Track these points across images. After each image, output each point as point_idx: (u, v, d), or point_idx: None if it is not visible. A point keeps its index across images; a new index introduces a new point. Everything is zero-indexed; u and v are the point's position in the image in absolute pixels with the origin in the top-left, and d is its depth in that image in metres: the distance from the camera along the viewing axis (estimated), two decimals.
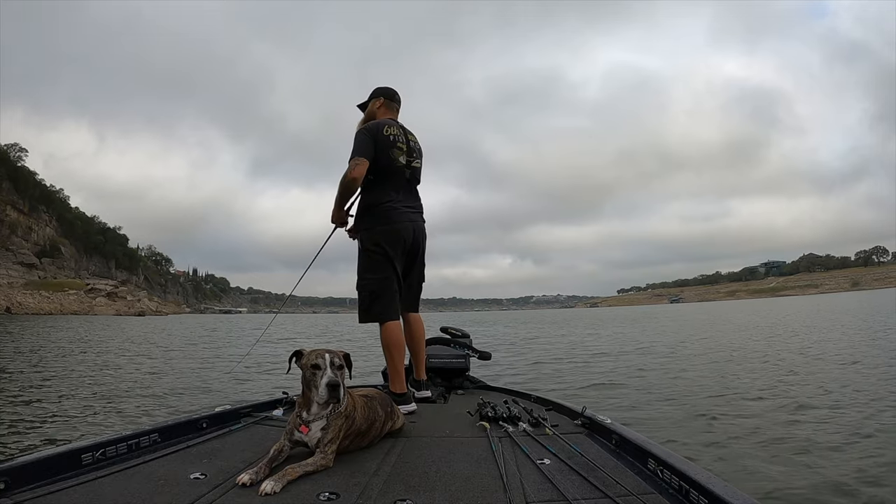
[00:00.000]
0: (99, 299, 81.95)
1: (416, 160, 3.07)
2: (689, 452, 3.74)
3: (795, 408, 5.35)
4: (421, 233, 3.08)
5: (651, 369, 8.99)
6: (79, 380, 8.38)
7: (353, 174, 2.83)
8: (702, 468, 1.48)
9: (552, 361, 10.91)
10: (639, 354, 11.87)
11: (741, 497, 1.25)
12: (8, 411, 5.71)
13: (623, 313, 68.09)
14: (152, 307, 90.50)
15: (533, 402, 2.89)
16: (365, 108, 3.21)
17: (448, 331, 3.93)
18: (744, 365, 9.13)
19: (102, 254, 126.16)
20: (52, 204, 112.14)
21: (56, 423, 5.17)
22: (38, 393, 6.96)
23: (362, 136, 2.91)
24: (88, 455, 1.70)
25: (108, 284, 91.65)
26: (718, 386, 6.97)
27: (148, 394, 7.06)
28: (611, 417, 2.19)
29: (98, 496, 1.45)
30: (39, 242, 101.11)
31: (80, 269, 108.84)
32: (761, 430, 4.52)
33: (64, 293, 78.76)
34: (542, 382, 7.62)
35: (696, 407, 5.60)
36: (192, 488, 1.51)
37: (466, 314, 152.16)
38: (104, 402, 6.31)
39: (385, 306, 2.90)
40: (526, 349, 14.24)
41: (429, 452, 1.94)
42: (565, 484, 1.54)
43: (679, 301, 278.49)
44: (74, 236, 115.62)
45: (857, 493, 3.09)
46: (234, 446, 2.01)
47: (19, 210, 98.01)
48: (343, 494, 1.48)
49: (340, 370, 1.80)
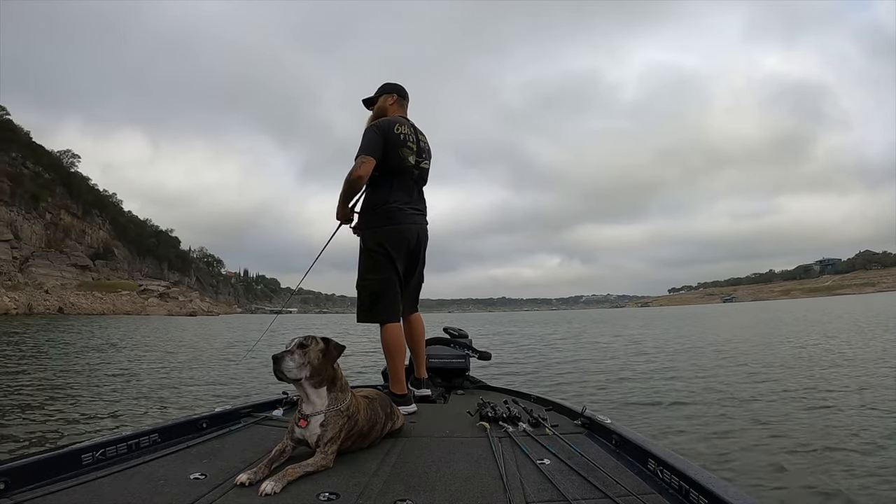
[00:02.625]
0: (151, 300, 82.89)
1: (425, 161, 3.02)
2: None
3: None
4: (424, 234, 3.04)
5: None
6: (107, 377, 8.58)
7: (359, 172, 2.79)
8: (702, 468, 1.48)
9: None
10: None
11: (741, 497, 1.25)
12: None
13: (677, 313, 66.54)
14: (203, 307, 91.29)
15: (533, 402, 2.87)
16: (372, 103, 3.12)
17: (448, 331, 3.90)
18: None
19: (155, 256, 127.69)
20: (105, 208, 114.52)
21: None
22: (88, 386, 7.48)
23: (372, 133, 2.85)
24: (88, 455, 1.70)
25: (160, 285, 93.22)
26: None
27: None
28: (611, 417, 2.17)
29: (98, 496, 1.46)
30: (93, 245, 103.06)
31: (133, 271, 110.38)
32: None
33: (117, 294, 79.69)
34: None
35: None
36: (192, 488, 1.52)
37: (514, 314, 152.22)
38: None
39: (386, 307, 2.87)
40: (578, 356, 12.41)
41: (429, 452, 1.94)
42: (565, 484, 1.54)
43: (732, 300, 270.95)
44: (127, 239, 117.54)
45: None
46: (234, 446, 2.00)
47: (73, 214, 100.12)
48: (343, 494, 1.48)
49: (302, 348, 1.78)
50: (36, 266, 78.25)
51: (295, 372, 1.75)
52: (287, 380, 1.77)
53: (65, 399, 6.56)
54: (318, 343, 1.82)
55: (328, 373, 1.82)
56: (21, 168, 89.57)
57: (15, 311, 50.55)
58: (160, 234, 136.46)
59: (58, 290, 71.10)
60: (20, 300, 55.06)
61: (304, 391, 1.81)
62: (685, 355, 11.60)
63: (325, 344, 1.83)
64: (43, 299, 61.52)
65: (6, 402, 6.30)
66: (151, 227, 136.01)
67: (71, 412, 5.78)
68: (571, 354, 12.77)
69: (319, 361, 1.80)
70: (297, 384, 1.80)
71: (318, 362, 1.79)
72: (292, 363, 1.75)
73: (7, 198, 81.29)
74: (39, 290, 66.42)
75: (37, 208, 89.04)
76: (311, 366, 1.77)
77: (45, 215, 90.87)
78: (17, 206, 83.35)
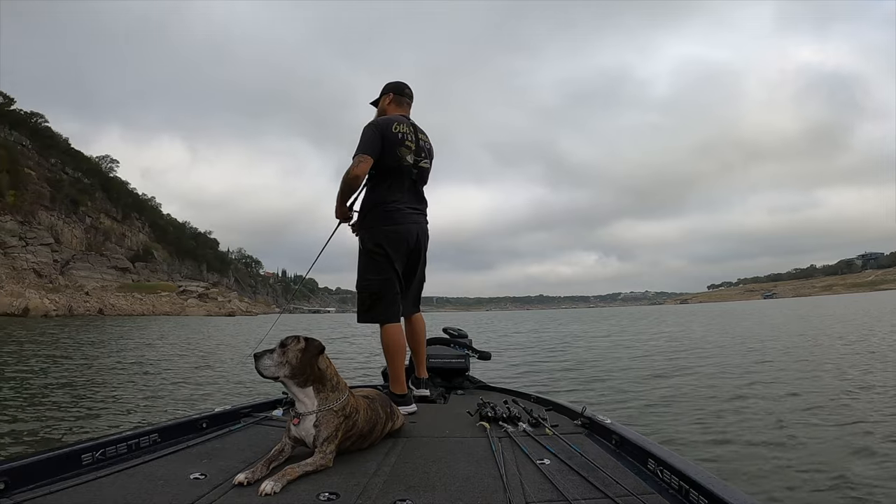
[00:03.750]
0: (190, 301, 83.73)
1: (424, 160, 2.99)
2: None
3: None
4: (424, 234, 3.02)
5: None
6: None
7: (356, 171, 2.77)
8: (702, 468, 1.48)
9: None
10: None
11: (741, 497, 1.26)
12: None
13: (718, 310, 63.92)
14: (242, 307, 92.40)
15: (533, 402, 2.86)
16: (378, 104, 3.12)
17: (448, 331, 3.91)
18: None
19: (194, 257, 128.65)
20: (144, 211, 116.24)
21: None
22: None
23: (370, 131, 2.83)
24: (88, 455, 1.71)
25: (199, 286, 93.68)
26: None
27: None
28: (611, 417, 2.18)
29: (98, 496, 1.46)
30: (133, 248, 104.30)
31: (172, 273, 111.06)
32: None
33: (156, 295, 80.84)
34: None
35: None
36: (192, 488, 1.52)
37: (552, 312, 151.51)
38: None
39: (386, 308, 2.85)
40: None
41: (429, 452, 1.94)
42: (565, 484, 1.54)
43: (773, 297, 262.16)
44: (167, 241, 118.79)
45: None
46: (233, 446, 2.00)
47: (113, 218, 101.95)
48: (343, 494, 1.49)
49: (282, 347, 1.80)
50: (76, 269, 79.51)
51: (273, 370, 1.78)
52: (266, 377, 1.80)
53: (74, 396, 6.70)
54: (299, 342, 1.83)
55: (313, 372, 1.82)
56: (60, 174, 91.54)
57: (55, 312, 51.00)
58: (199, 235, 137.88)
59: (98, 291, 72.20)
60: (60, 302, 55.75)
61: (290, 390, 1.84)
62: (746, 358, 10.44)
63: (305, 343, 1.84)
64: (83, 301, 62.45)
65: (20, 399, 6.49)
66: (190, 229, 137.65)
67: (81, 409, 5.93)
68: (606, 353, 12.49)
69: (298, 360, 1.80)
70: (280, 382, 1.83)
71: (296, 361, 1.80)
72: (270, 361, 1.78)
73: (47, 203, 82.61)
74: (80, 292, 67.55)
75: (77, 212, 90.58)
76: (290, 364, 1.79)
77: (85, 219, 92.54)
78: (57, 210, 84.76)
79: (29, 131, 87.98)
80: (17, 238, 66.84)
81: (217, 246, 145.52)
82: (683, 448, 4.14)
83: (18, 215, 71.11)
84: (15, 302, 48.30)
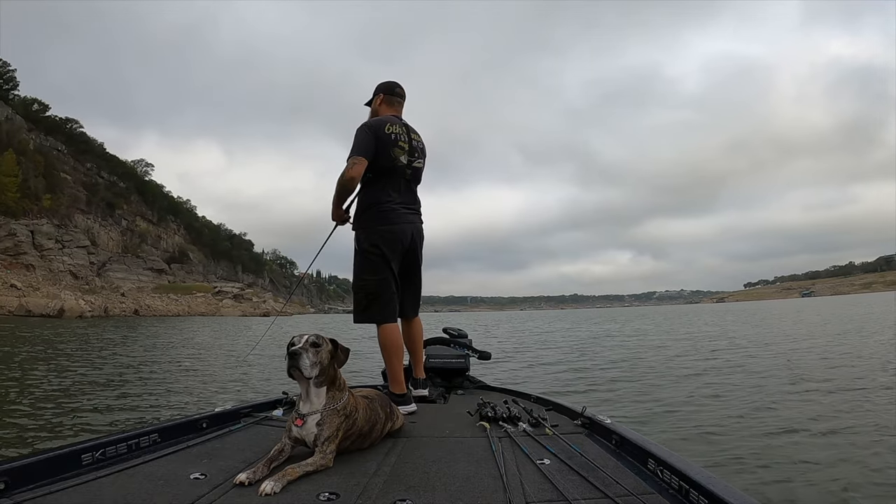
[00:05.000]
0: (225, 301, 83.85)
1: (417, 160, 3.01)
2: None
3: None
4: (419, 234, 3.04)
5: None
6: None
7: (351, 173, 2.78)
8: (702, 468, 1.49)
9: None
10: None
11: (741, 497, 1.26)
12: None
13: (756, 308, 62.05)
14: (277, 308, 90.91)
15: (533, 402, 2.87)
16: (371, 105, 3.13)
17: (448, 331, 3.90)
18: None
19: (229, 259, 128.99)
20: (179, 214, 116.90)
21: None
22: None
23: (363, 133, 2.84)
24: (88, 455, 1.70)
25: (234, 287, 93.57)
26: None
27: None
28: (611, 417, 2.19)
29: (98, 496, 1.46)
30: (169, 250, 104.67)
31: (207, 274, 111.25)
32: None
33: (192, 296, 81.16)
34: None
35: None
36: (192, 488, 1.52)
37: (586, 311, 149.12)
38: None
39: (383, 307, 2.86)
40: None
41: (429, 452, 1.94)
42: (565, 484, 1.55)
43: (811, 295, 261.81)
44: (202, 243, 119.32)
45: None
46: (234, 446, 2.00)
47: (148, 220, 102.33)
48: (343, 494, 1.49)
49: (315, 347, 1.80)
50: (113, 270, 79.72)
51: (309, 370, 1.77)
52: (299, 377, 1.79)
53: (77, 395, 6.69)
54: (328, 344, 1.84)
55: (331, 373, 1.84)
56: (96, 178, 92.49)
57: (90, 313, 51.12)
58: (234, 237, 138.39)
59: (134, 293, 72.48)
60: (96, 303, 55.81)
61: (305, 390, 1.83)
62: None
63: (332, 346, 1.85)
64: (119, 302, 62.52)
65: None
66: (225, 231, 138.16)
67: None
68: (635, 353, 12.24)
69: (329, 361, 1.82)
70: (302, 382, 1.82)
71: (326, 362, 1.81)
72: (308, 361, 1.76)
73: (83, 206, 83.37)
74: (116, 293, 67.64)
75: (112, 215, 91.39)
76: (321, 365, 1.80)
77: (121, 222, 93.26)
78: (93, 213, 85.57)
79: (64, 137, 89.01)
80: (54, 241, 67.05)
81: (252, 247, 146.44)
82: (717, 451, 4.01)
83: (55, 218, 71.25)
84: (50, 303, 48.54)
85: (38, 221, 66.69)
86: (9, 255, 58.95)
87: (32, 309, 46.09)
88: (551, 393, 3.55)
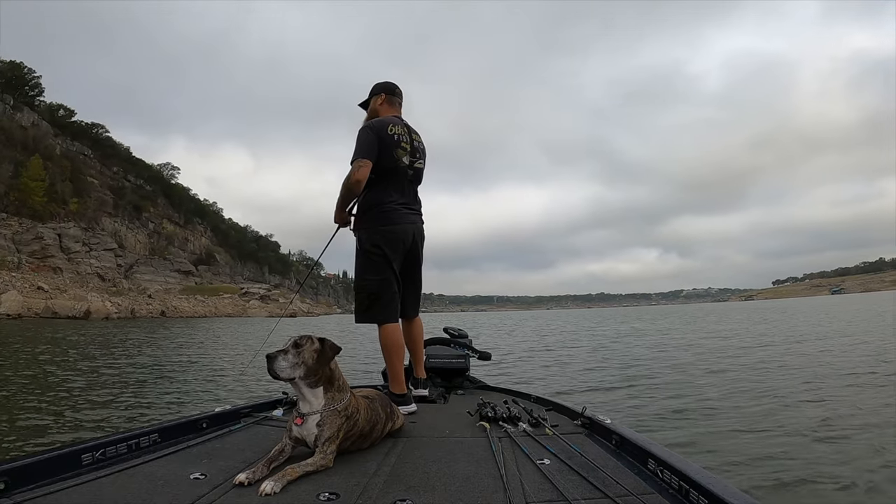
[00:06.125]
0: (252, 302, 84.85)
1: (419, 161, 3.02)
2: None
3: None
4: (420, 235, 3.04)
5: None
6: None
7: (357, 176, 2.78)
8: (702, 468, 1.48)
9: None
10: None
11: (741, 497, 1.26)
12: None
13: (787, 306, 60.40)
14: (304, 308, 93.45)
15: (533, 402, 2.86)
16: (367, 106, 3.13)
17: (448, 331, 3.89)
18: None
19: (256, 260, 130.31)
20: (206, 216, 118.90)
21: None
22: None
23: (366, 134, 2.84)
24: (88, 455, 1.71)
25: (261, 288, 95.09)
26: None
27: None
28: (611, 417, 2.18)
29: (98, 496, 1.46)
30: (196, 251, 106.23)
31: (234, 275, 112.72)
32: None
33: (219, 297, 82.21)
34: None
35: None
36: (192, 488, 1.52)
37: (613, 310, 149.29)
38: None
39: (384, 307, 2.86)
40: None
41: (429, 452, 1.94)
42: (565, 484, 1.55)
43: (841, 292, 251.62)
44: (229, 245, 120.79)
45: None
46: (234, 446, 2.01)
47: (175, 223, 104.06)
48: (343, 494, 1.49)
49: (297, 348, 1.78)
50: (140, 273, 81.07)
51: (288, 371, 1.76)
52: (281, 379, 1.78)
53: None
54: (314, 343, 1.81)
55: (324, 373, 1.82)
56: (123, 181, 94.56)
57: (116, 315, 51.34)
58: (260, 239, 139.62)
59: (161, 294, 73.45)
60: (123, 305, 56.28)
61: (299, 391, 1.81)
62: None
63: (320, 344, 1.82)
64: (145, 304, 63.26)
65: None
66: (252, 232, 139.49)
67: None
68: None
69: (314, 361, 1.79)
70: (291, 383, 1.81)
71: (312, 362, 1.78)
72: (285, 363, 1.75)
73: (110, 209, 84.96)
74: (143, 295, 68.15)
75: (139, 218, 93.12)
76: (306, 365, 1.77)
77: (147, 224, 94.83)
78: (120, 216, 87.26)
79: (90, 141, 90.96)
80: (81, 244, 67.84)
81: (278, 248, 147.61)
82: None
83: (82, 222, 72.41)
84: (77, 305, 49.44)
85: (65, 225, 67.47)
86: (36, 258, 59.52)
87: (58, 311, 46.87)
88: (552, 393, 3.60)
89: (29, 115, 76.78)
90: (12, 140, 68.80)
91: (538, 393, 3.03)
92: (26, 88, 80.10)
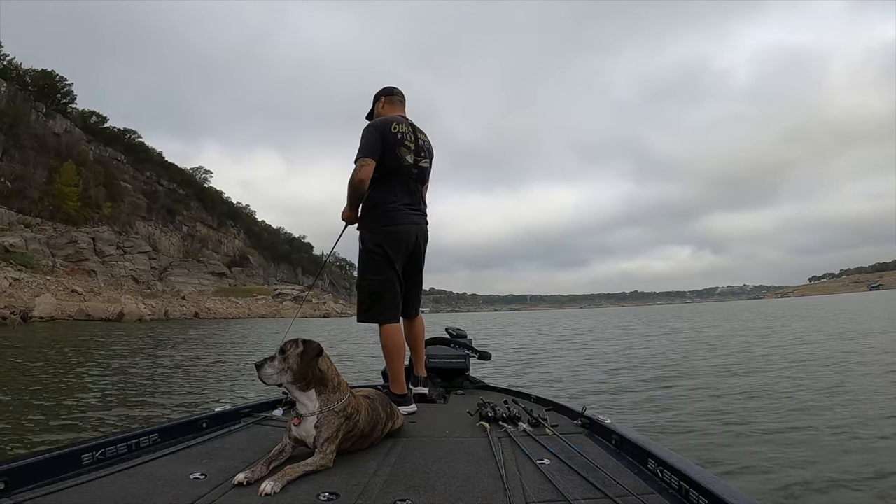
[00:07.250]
0: (286, 303, 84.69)
1: (423, 159, 2.99)
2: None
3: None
4: (423, 236, 3.01)
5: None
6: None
7: (360, 175, 2.76)
8: (702, 468, 1.48)
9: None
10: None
11: (741, 497, 1.26)
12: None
13: (826, 303, 58.77)
14: (337, 309, 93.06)
15: (533, 402, 2.85)
16: (372, 116, 3.11)
17: (448, 331, 3.86)
18: None
19: (289, 261, 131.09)
20: (239, 219, 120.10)
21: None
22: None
23: (370, 133, 2.82)
24: (88, 455, 1.72)
25: (294, 289, 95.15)
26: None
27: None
28: (611, 417, 2.17)
29: (98, 496, 1.47)
30: (229, 254, 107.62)
31: (268, 276, 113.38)
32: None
33: (252, 298, 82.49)
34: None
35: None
36: (192, 488, 1.53)
37: (647, 308, 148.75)
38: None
39: (385, 307, 2.85)
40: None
41: (429, 452, 1.94)
42: (565, 484, 1.55)
43: (879, 288, 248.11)
44: (262, 246, 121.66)
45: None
46: (233, 446, 2.01)
47: (208, 226, 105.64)
48: (343, 494, 1.49)
49: (282, 354, 1.80)
50: (174, 275, 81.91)
51: (275, 377, 1.77)
52: (269, 385, 1.80)
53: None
54: (298, 346, 1.82)
55: (314, 375, 1.82)
56: (156, 185, 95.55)
57: (150, 317, 51.73)
58: (293, 240, 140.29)
59: (194, 296, 73.97)
60: (156, 307, 56.79)
61: (292, 394, 1.83)
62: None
63: (303, 346, 1.83)
64: (179, 305, 63.85)
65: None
66: (284, 234, 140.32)
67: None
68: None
69: (299, 365, 1.80)
70: (284, 388, 1.83)
71: (297, 366, 1.79)
72: (271, 370, 1.77)
73: (144, 213, 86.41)
74: (177, 297, 68.43)
75: (173, 221, 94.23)
76: (292, 370, 1.78)
77: (181, 228, 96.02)
78: (154, 220, 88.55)
79: (123, 147, 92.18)
80: (115, 247, 68.10)
81: (311, 250, 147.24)
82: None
83: (116, 225, 72.97)
84: (110, 307, 49.14)
85: (99, 229, 68.06)
86: (70, 262, 59.86)
87: (92, 313, 47.31)
88: (552, 394, 3.51)
89: (62, 122, 78.04)
90: (45, 147, 70.31)
91: (538, 393, 3.00)
92: (58, 96, 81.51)
